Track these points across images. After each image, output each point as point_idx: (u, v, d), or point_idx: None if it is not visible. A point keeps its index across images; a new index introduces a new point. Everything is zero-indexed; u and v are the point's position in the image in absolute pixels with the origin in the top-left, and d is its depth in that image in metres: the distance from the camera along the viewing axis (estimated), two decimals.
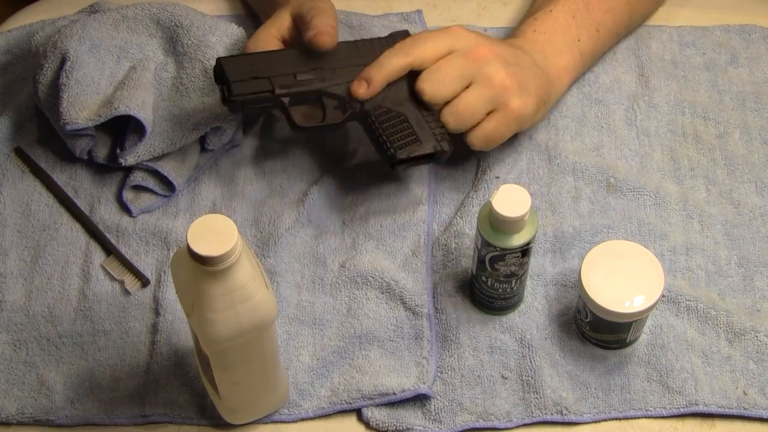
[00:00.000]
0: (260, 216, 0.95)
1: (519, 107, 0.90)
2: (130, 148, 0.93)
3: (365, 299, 0.90)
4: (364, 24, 1.07)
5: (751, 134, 1.01)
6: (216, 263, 0.69)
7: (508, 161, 0.98)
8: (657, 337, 0.88)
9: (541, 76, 0.94)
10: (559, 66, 0.97)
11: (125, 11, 0.99)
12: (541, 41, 0.96)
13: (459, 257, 0.92)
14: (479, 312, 0.90)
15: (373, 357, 0.88)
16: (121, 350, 0.88)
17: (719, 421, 0.85)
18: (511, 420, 0.85)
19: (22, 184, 0.98)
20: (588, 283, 0.84)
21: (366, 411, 0.86)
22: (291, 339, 0.89)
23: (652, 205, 0.96)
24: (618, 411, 0.85)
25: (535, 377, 0.86)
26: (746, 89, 1.04)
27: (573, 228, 0.94)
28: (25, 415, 0.85)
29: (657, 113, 1.02)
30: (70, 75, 0.93)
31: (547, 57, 0.96)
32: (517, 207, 0.80)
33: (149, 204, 0.96)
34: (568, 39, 0.97)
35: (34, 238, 0.94)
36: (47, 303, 0.91)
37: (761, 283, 0.91)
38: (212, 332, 0.72)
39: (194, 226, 0.69)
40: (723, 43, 1.07)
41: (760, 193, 0.97)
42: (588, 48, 0.99)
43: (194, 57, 0.95)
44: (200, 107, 0.94)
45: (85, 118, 0.92)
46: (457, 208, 0.96)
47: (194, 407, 0.86)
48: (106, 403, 0.86)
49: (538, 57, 0.95)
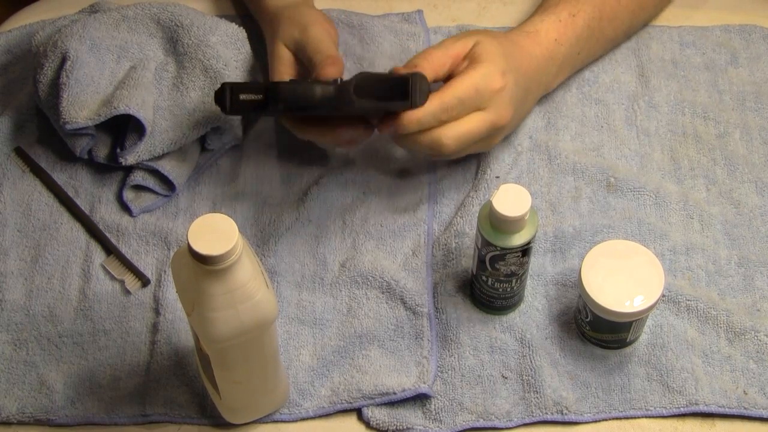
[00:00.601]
0: (260, 215, 0.95)
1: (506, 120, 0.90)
2: (131, 148, 0.93)
3: (365, 299, 0.90)
4: (364, 24, 1.07)
5: (751, 134, 1.01)
6: (216, 262, 0.69)
7: (508, 161, 0.98)
8: (657, 337, 0.88)
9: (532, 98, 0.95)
10: (553, 84, 0.99)
11: (125, 11, 0.99)
12: (561, 53, 0.96)
13: (459, 257, 0.92)
14: (479, 312, 0.90)
15: (373, 356, 0.88)
16: (121, 350, 0.88)
17: (719, 421, 0.85)
18: (511, 420, 0.85)
19: (22, 184, 0.97)
20: (588, 282, 0.84)
21: (366, 410, 0.86)
22: (291, 338, 0.89)
23: (653, 204, 0.96)
24: (618, 411, 0.85)
25: (535, 377, 0.86)
26: (746, 89, 1.04)
27: (573, 228, 0.94)
28: (26, 415, 0.85)
29: (657, 113, 1.02)
30: (70, 74, 0.93)
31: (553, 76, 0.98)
32: (517, 206, 0.80)
33: (149, 203, 0.96)
34: (572, 53, 0.98)
35: (35, 237, 0.94)
36: (47, 302, 0.91)
37: (761, 282, 0.91)
38: (213, 331, 0.72)
39: (195, 225, 0.69)
40: (723, 43, 1.07)
41: (760, 192, 0.97)
42: (578, 62, 1.01)
43: (194, 57, 0.95)
44: (200, 107, 0.94)
45: (85, 118, 0.92)
46: (457, 208, 0.96)
47: (194, 407, 0.86)
48: (106, 403, 0.86)
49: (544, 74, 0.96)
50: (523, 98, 0.92)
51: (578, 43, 0.98)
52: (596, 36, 0.99)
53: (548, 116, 1.01)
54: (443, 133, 0.86)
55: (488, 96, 0.88)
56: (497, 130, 0.90)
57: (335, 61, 0.88)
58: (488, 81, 0.87)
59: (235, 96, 0.85)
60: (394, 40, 1.06)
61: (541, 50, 0.95)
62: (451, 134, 0.87)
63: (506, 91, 0.89)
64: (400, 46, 1.06)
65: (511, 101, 0.90)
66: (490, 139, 0.91)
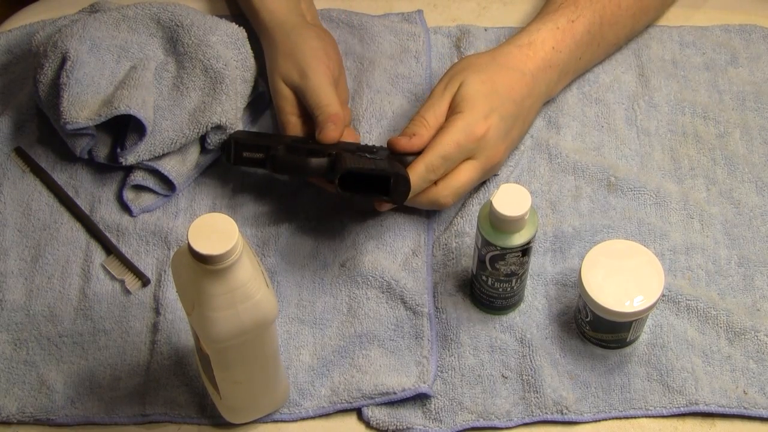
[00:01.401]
0: (260, 215, 0.95)
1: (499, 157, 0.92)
2: (131, 148, 0.93)
3: (365, 298, 0.90)
4: (365, 24, 1.07)
5: (751, 134, 1.01)
6: (217, 262, 0.69)
7: (508, 160, 0.98)
8: (657, 337, 0.88)
9: (524, 122, 0.96)
10: (555, 90, 1.00)
11: (126, 11, 0.99)
12: (561, 60, 0.97)
13: (459, 256, 0.92)
14: (479, 311, 0.90)
15: (373, 356, 0.88)
16: (121, 349, 0.88)
17: (719, 421, 0.85)
18: (511, 419, 0.85)
19: (22, 184, 0.98)
20: (588, 282, 0.84)
21: (366, 410, 0.86)
22: (291, 338, 0.89)
23: (653, 204, 0.96)
24: (618, 410, 0.85)
25: (535, 377, 0.86)
26: (746, 89, 1.04)
27: (573, 227, 0.94)
28: (26, 415, 0.85)
29: (657, 113, 1.02)
30: (70, 74, 0.93)
31: (553, 85, 0.98)
32: (517, 206, 0.80)
33: (149, 203, 0.96)
34: (573, 58, 0.99)
35: (35, 237, 0.94)
36: (48, 302, 0.91)
37: (761, 282, 0.91)
38: (213, 331, 0.72)
39: (195, 225, 0.69)
40: (723, 43, 1.07)
41: (760, 192, 0.97)
42: (581, 66, 1.01)
43: (195, 56, 0.95)
44: (200, 107, 0.94)
45: (86, 118, 0.92)
46: (457, 207, 0.96)
47: (194, 406, 0.86)
48: (106, 403, 0.86)
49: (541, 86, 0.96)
50: (511, 126, 0.93)
51: (578, 49, 0.98)
52: (597, 41, 0.99)
53: (549, 115, 1.01)
54: (439, 193, 0.90)
55: (473, 145, 0.90)
56: (491, 169, 0.93)
57: (336, 120, 0.91)
58: (469, 131, 0.89)
59: (239, 152, 0.92)
60: (394, 40, 1.06)
61: (536, 63, 0.95)
62: (447, 192, 0.90)
63: (491, 133, 0.90)
64: (400, 46, 1.06)
65: (499, 139, 0.91)
66: (489, 175, 0.94)
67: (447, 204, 0.91)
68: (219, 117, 0.94)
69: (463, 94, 0.91)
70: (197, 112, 0.94)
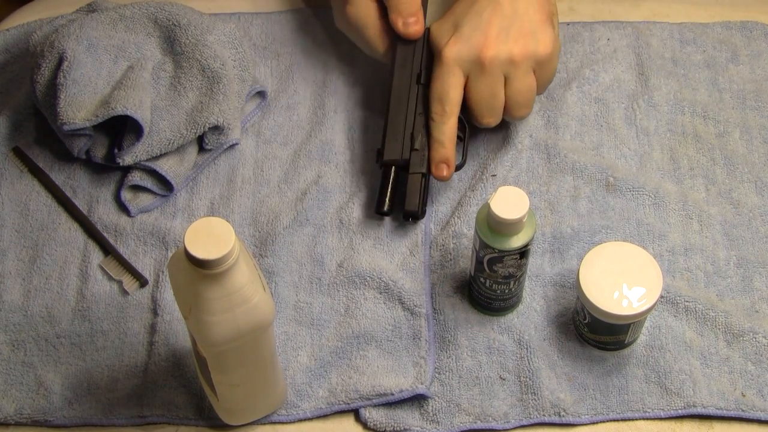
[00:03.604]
0: (258, 215, 0.95)
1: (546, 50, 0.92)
2: (128, 148, 0.93)
3: (363, 299, 0.90)
4: None
5: (751, 133, 1.00)
6: (213, 266, 0.69)
7: (507, 160, 0.98)
8: (655, 339, 0.88)
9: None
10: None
11: (123, 10, 0.98)
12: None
13: (457, 257, 0.92)
14: (477, 313, 0.90)
15: (370, 357, 0.88)
16: (119, 351, 0.88)
17: (717, 423, 0.85)
18: (508, 421, 0.85)
19: (20, 184, 0.97)
20: (586, 284, 0.83)
21: (364, 411, 0.86)
22: (289, 340, 0.89)
23: (651, 204, 0.95)
24: (616, 412, 0.85)
25: (533, 378, 0.86)
26: (747, 87, 1.03)
27: (572, 228, 0.94)
28: (23, 416, 0.85)
29: (657, 112, 1.01)
30: (67, 75, 0.93)
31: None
32: (515, 209, 0.80)
33: (147, 204, 0.95)
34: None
35: (33, 237, 0.94)
36: (45, 303, 0.91)
37: (760, 283, 0.91)
38: (210, 335, 0.72)
39: (191, 229, 0.69)
40: (724, 40, 1.06)
41: (759, 192, 0.96)
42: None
43: (192, 56, 0.95)
44: (198, 107, 0.94)
45: (83, 118, 0.92)
46: (454, 208, 0.96)
47: (192, 408, 0.86)
48: (104, 404, 0.86)
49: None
50: (490, 20, 0.91)
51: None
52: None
53: (548, 115, 1.01)
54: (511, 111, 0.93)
55: (470, 67, 0.91)
56: (540, 61, 0.92)
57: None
58: (442, 62, 0.91)
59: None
60: None
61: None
62: (515, 105, 0.93)
63: (471, 44, 0.90)
64: None
65: (494, 39, 0.91)
66: (544, 67, 0.93)
67: (490, 123, 0.93)
68: (216, 117, 0.94)
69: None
70: (195, 112, 0.94)
